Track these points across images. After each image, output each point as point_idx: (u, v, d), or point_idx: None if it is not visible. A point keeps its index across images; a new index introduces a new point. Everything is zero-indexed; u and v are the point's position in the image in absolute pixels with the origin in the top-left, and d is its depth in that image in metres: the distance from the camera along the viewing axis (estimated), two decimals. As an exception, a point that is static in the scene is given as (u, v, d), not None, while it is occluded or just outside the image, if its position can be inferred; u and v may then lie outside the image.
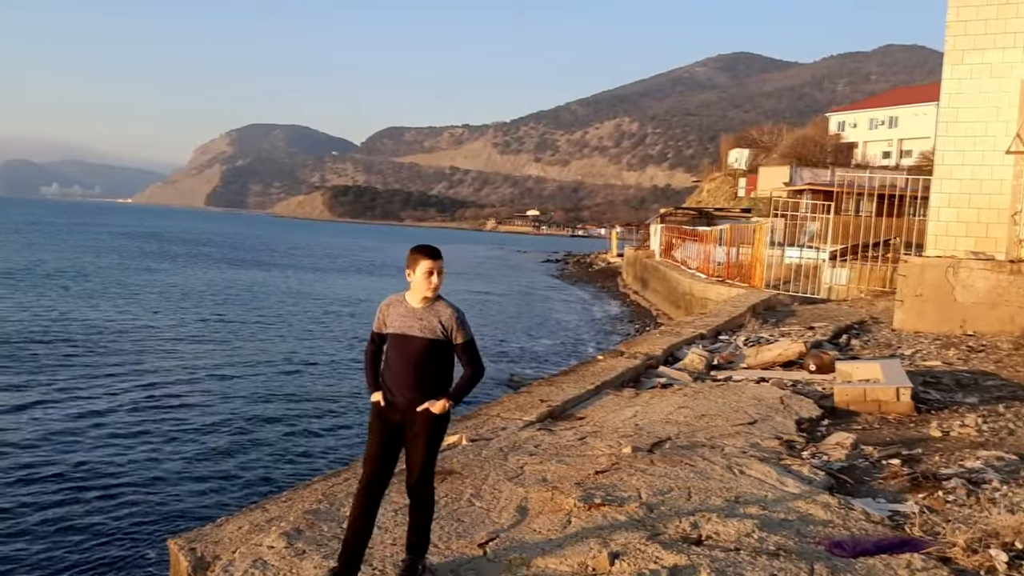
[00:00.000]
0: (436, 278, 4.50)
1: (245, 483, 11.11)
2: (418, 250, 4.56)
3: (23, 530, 9.09)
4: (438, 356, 4.51)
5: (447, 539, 4.94)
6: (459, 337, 4.52)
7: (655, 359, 11.75)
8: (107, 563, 8.43)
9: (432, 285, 4.49)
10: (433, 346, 4.46)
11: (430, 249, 4.57)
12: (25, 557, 8.45)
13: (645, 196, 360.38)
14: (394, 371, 4.55)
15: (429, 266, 4.48)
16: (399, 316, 4.54)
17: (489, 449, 6.86)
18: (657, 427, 7.85)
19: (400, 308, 4.58)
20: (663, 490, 5.83)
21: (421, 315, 4.49)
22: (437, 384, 4.51)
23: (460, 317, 4.54)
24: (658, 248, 43.12)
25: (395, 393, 4.52)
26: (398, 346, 4.53)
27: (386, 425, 4.55)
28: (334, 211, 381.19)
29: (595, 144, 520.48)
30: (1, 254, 50.22)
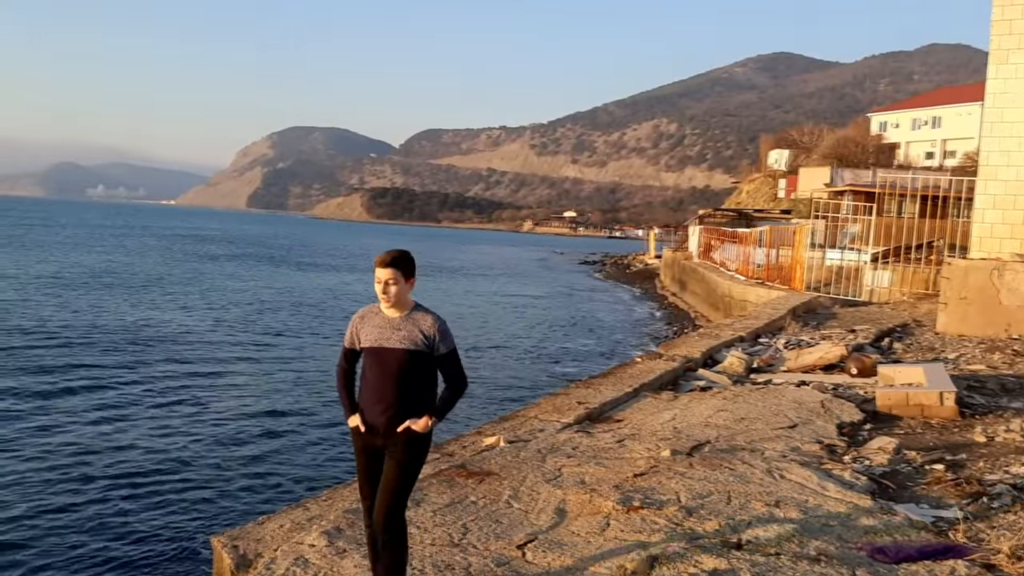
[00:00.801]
0: (391, 289, 4.09)
1: (286, 482, 11.23)
2: (378, 257, 4.19)
3: (70, 526, 9.26)
4: (420, 369, 4.15)
5: (485, 540, 4.97)
6: (442, 347, 4.15)
7: (694, 361, 11.70)
8: (152, 560, 8.57)
9: (386, 298, 4.10)
10: (414, 358, 4.10)
11: (383, 256, 4.16)
12: (72, 553, 8.61)
13: (683, 197, 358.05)
14: (372, 389, 4.18)
15: (379, 276, 4.11)
16: (374, 328, 4.17)
17: (527, 451, 6.88)
18: (696, 430, 7.82)
19: (375, 320, 4.20)
20: (702, 494, 5.81)
21: (399, 325, 4.13)
22: (420, 400, 4.16)
23: (443, 326, 4.19)
24: (696, 250, 42.84)
25: (374, 413, 4.16)
26: (375, 361, 4.16)
27: (370, 452, 4.23)
28: (372, 213, 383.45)
29: (633, 145, 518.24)
30: (49, 256, 51.21)
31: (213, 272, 47.82)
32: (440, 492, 5.77)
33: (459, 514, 5.38)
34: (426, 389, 4.19)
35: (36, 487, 10.42)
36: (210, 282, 40.90)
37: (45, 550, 8.64)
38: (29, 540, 8.87)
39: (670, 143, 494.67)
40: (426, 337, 4.11)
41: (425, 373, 4.17)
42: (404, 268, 4.14)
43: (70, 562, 8.41)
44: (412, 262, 4.22)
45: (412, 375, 4.13)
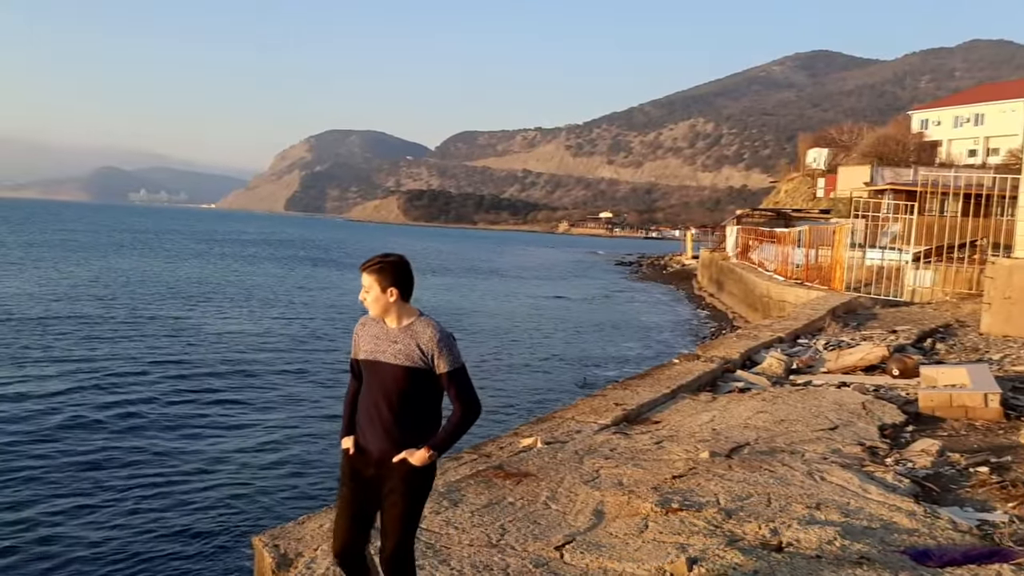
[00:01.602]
0: (365, 296, 3.69)
1: (324, 482, 11.30)
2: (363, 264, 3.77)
3: (111, 523, 9.41)
4: (419, 390, 3.66)
5: (523, 541, 4.97)
6: (442, 365, 3.63)
7: (732, 363, 11.62)
8: (193, 558, 8.68)
9: (370, 308, 3.71)
10: (410, 376, 3.62)
11: (365, 263, 3.73)
12: (113, 549, 8.74)
13: (720, 197, 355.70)
14: (366, 409, 3.74)
15: (362, 282, 3.72)
16: (372, 338, 3.74)
17: (564, 452, 6.87)
18: (735, 432, 7.76)
19: (374, 328, 3.77)
20: (742, 496, 5.77)
21: (396, 337, 3.67)
22: (419, 427, 3.68)
23: (444, 339, 3.67)
24: (734, 250, 42.51)
25: (368, 437, 3.71)
26: (370, 376, 3.73)
27: (357, 480, 3.77)
28: (409, 215, 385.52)
29: (669, 145, 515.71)
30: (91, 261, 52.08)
31: (288, 276, 48.26)
32: (478, 493, 5.78)
33: (497, 515, 5.39)
34: (428, 413, 3.72)
35: (79, 485, 10.60)
36: (273, 286, 41.31)
37: (87, 547, 8.79)
38: (70, 537, 9.03)
39: (707, 143, 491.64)
40: (424, 352, 3.63)
41: (426, 394, 3.69)
42: (380, 276, 3.67)
43: (111, 560, 8.54)
44: (395, 270, 3.71)
45: (410, 396, 3.66)
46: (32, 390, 15.41)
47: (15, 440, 12.23)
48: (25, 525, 9.20)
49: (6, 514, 9.45)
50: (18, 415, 13.59)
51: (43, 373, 17.07)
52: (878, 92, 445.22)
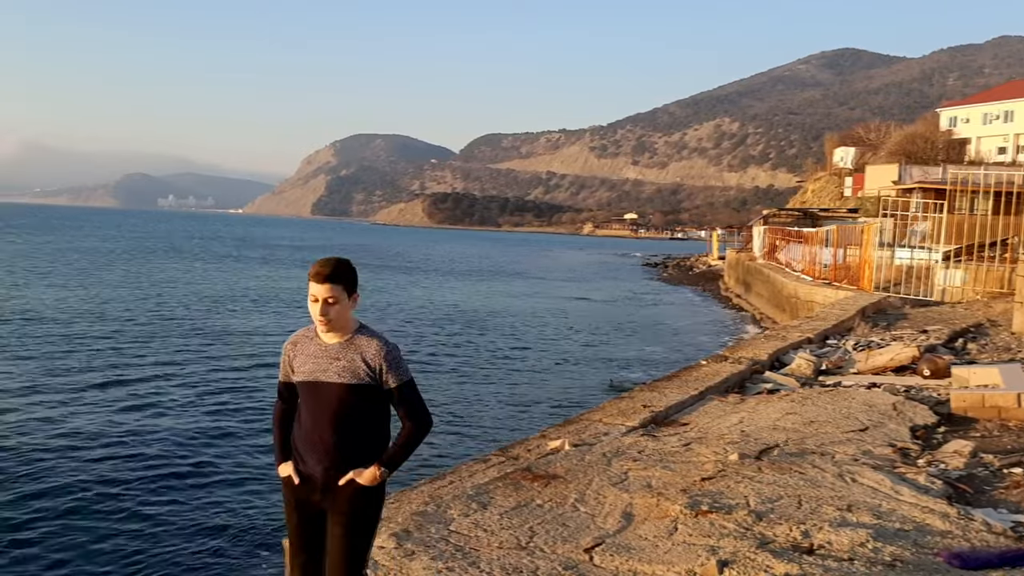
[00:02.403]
0: (330, 310, 3.36)
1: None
2: (312, 266, 3.42)
3: (146, 523, 9.51)
4: (365, 407, 3.42)
5: (552, 543, 4.97)
6: (391, 379, 3.40)
7: (760, 364, 11.54)
8: (227, 557, 8.76)
9: (324, 321, 3.38)
10: (356, 394, 3.38)
11: (320, 268, 3.37)
12: (147, 550, 8.83)
13: (746, 197, 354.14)
14: (307, 433, 3.47)
15: (316, 293, 3.36)
16: (309, 358, 3.45)
17: (592, 454, 6.86)
18: (764, 433, 7.71)
19: (309, 347, 3.47)
20: (772, 498, 5.73)
21: (337, 353, 3.40)
22: (366, 447, 3.44)
23: (391, 352, 3.42)
24: (761, 250, 42.26)
25: (309, 463, 3.46)
26: (310, 398, 3.44)
27: (305, 510, 3.52)
28: (433, 218, 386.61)
29: (694, 145, 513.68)
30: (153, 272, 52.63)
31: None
32: (506, 495, 5.79)
33: (525, 517, 5.39)
34: (374, 432, 3.48)
35: (114, 480, 10.72)
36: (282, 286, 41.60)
37: (117, 545, 8.87)
38: (102, 532, 9.14)
39: (732, 143, 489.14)
40: (370, 368, 3.38)
41: (373, 412, 3.45)
42: (347, 281, 3.39)
43: (146, 559, 8.62)
44: (354, 273, 3.46)
45: (355, 415, 3.41)
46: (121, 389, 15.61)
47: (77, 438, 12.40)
48: (74, 522, 9.32)
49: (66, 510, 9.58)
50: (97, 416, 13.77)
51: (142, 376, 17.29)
52: (905, 90, 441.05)
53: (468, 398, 16.96)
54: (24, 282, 36.49)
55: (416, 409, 3.49)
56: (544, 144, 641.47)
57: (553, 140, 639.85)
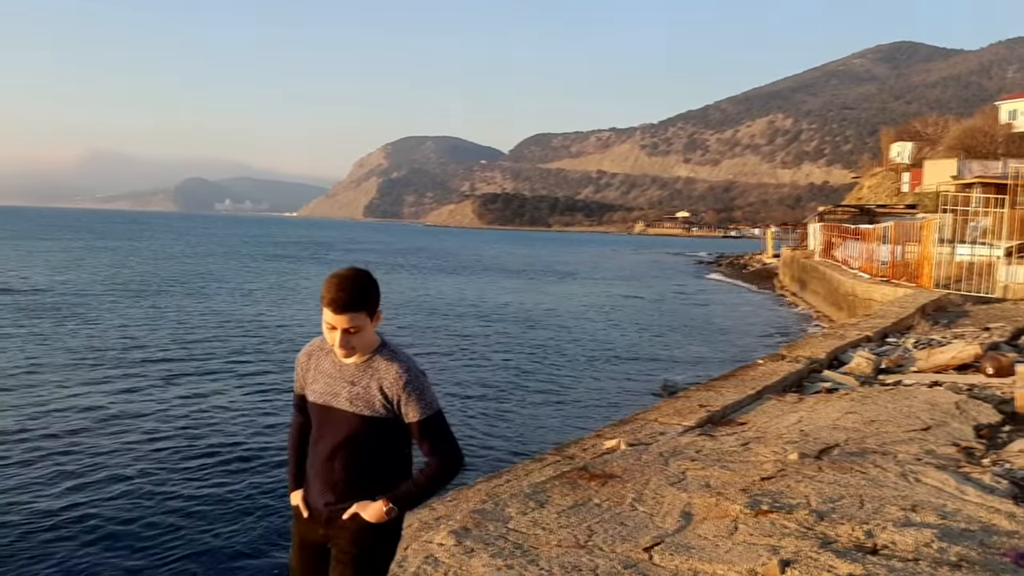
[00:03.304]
0: (351, 340, 2.87)
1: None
2: (325, 285, 2.86)
3: (217, 515, 9.67)
4: (379, 442, 2.94)
5: (611, 542, 4.97)
6: (412, 412, 2.89)
7: (818, 363, 11.40)
8: (282, 552, 8.87)
9: (342, 352, 2.91)
10: (369, 427, 2.90)
11: (335, 292, 2.82)
12: (211, 544, 8.97)
13: (801, 194, 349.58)
14: (315, 461, 3.03)
15: (332, 322, 2.84)
16: (321, 376, 3.00)
17: (649, 454, 6.84)
18: (824, 433, 7.61)
19: (324, 363, 3.02)
20: (833, 497, 5.66)
21: (353, 376, 2.92)
22: (379, 483, 2.96)
23: (413, 380, 2.90)
24: (817, 248, 41.67)
25: (314, 494, 3.03)
26: (319, 422, 3.00)
27: (308, 548, 3.11)
28: (483, 219, 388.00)
29: (747, 142, 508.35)
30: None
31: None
32: (563, 494, 5.80)
33: (583, 516, 5.39)
34: (391, 467, 2.99)
35: (158, 471, 10.93)
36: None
37: (160, 538, 9.01)
38: (161, 522, 9.29)
39: (786, 139, 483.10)
40: (387, 398, 2.88)
41: (390, 446, 2.97)
42: (369, 304, 2.87)
43: (220, 553, 8.77)
44: (376, 289, 2.92)
45: (368, 448, 2.94)
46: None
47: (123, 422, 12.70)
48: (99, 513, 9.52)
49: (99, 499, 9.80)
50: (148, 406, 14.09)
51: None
52: (963, 83, 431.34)
53: (520, 396, 16.99)
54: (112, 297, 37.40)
55: (442, 445, 2.94)
56: (594, 143, 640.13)
57: (603, 139, 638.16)
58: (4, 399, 14.77)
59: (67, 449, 11.95)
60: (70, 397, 15.19)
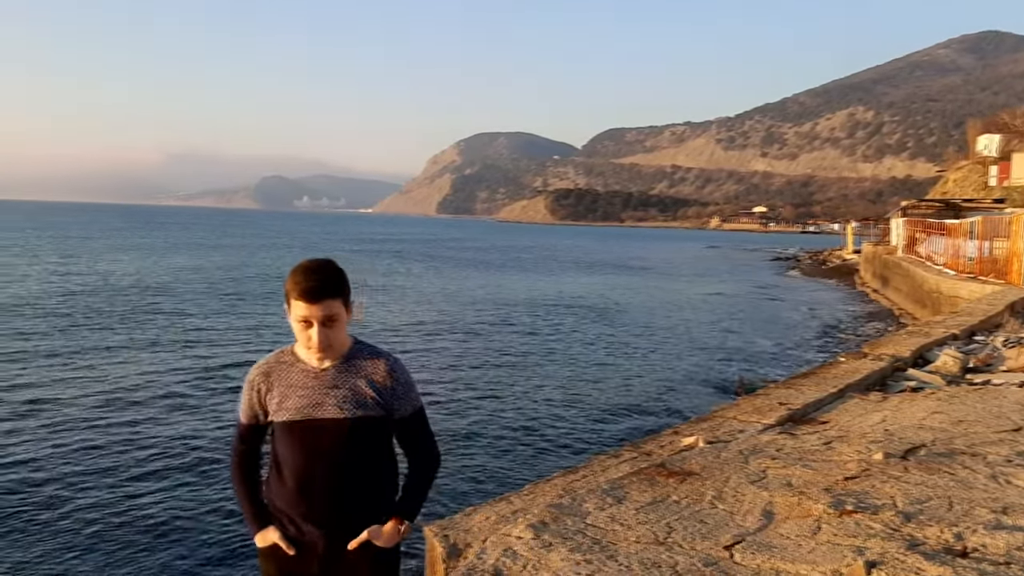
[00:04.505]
0: (326, 336, 2.62)
1: (481, 476, 11.52)
2: (292, 278, 2.60)
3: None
4: (372, 446, 2.72)
5: (691, 539, 4.93)
6: (404, 406, 2.74)
7: (902, 361, 11.11)
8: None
9: (318, 349, 2.64)
10: (363, 429, 2.67)
11: (307, 280, 2.58)
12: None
13: (882, 189, 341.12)
14: (296, 488, 2.69)
15: (305, 313, 2.59)
16: (294, 389, 2.68)
17: (728, 452, 6.76)
18: (909, 432, 7.42)
19: (292, 375, 2.70)
20: (920, 499, 5.52)
21: (334, 380, 2.67)
22: (376, 497, 2.76)
23: (402, 371, 2.76)
24: (900, 243, 40.60)
25: (302, 528, 2.71)
26: (300, 443, 2.67)
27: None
28: (555, 214, 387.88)
29: (826, 136, 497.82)
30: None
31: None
32: (641, 491, 5.77)
33: (662, 513, 5.36)
34: (383, 476, 2.78)
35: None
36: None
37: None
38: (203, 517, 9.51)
39: (867, 132, 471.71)
40: (379, 393, 2.68)
41: (380, 451, 2.76)
42: (344, 291, 2.65)
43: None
44: (347, 279, 2.69)
45: (362, 457, 2.69)
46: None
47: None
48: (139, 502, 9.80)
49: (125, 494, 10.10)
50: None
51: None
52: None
53: (594, 390, 16.96)
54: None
55: (429, 439, 2.83)
56: (669, 137, 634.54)
57: (678, 133, 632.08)
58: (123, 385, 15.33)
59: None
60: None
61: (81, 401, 14.28)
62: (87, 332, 21.56)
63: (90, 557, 8.22)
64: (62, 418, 13.08)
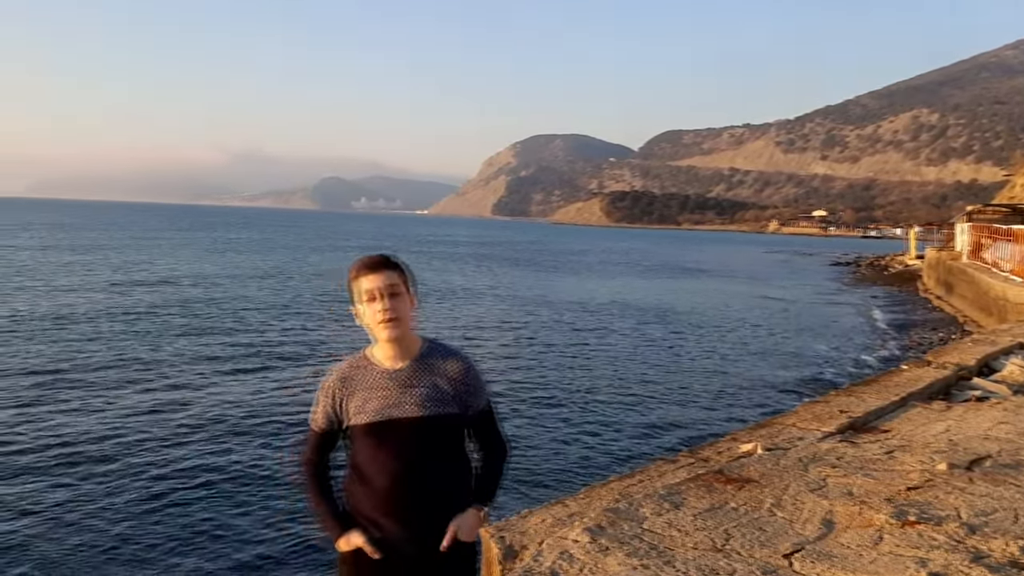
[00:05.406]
0: (393, 305, 2.68)
1: (535, 478, 11.55)
2: (353, 266, 2.76)
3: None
4: (450, 443, 2.80)
5: (749, 547, 4.90)
6: (478, 402, 2.82)
7: (967, 370, 10.87)
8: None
9: (387, 317, 2.67)
10: (442, 426, 2.74)
11: (366, 258, 2.74)
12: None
13: (947, 193, 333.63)
14: (380, 490, 2.73)
15: (367, 286, 2.69)
16: (372, 392, 2.74)
17: (787, 459, 6.69)
18: (974, 443, 7.27)
19: (368, 378, 2.76)
20: (985, 511, 5.41)
21: (410, 379, 2.73)
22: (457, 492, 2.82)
23: (474, 368, 2.83)
24: (964, 249, 39.65)
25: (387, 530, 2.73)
26: (381, 444, 2.72)
27: None
28: (611, 216, 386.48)
29: (888, 139, 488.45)
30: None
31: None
32: (699, 497, 5.75)
33: (720, 519, 5.34)
34: (461, 473, 2.86)
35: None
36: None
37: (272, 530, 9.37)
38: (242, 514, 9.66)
39: (931, 135, 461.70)
40: (455, 390, 2.75)
41: (457, 447, 2.84)
42: (403, 272, 2.77)
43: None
44: (405, 264, 2.83)
45: (443, 455, 2.77)
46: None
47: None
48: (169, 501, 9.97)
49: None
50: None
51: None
52: None
53: (649, 394, 16.87)
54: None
55: (499, 434, 2.91)
56: (727, 140, 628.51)
57: (736, 135, 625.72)
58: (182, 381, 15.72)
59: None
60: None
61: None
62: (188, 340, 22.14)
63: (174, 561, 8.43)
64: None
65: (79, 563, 7.98)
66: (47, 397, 14.21)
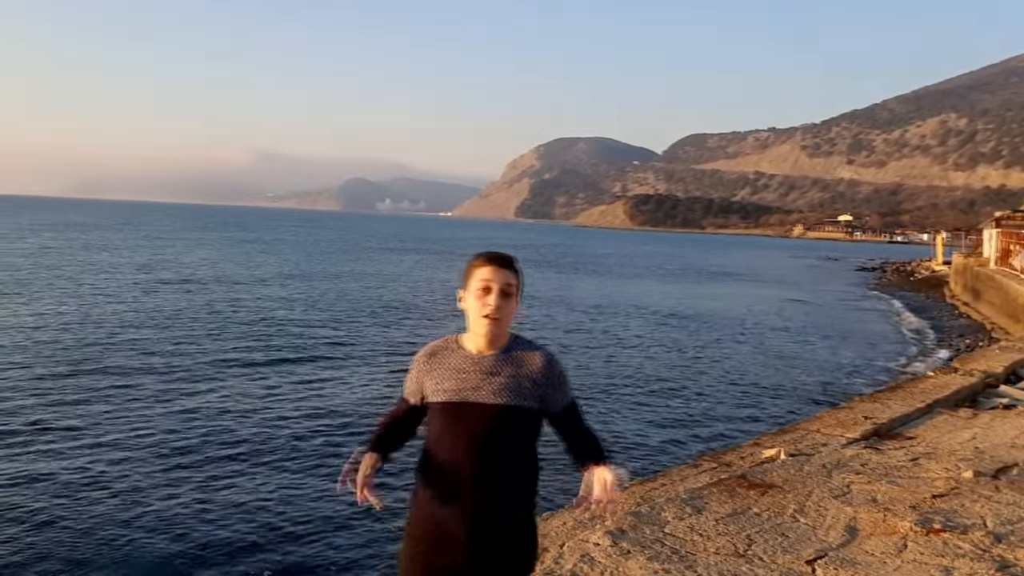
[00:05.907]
0: (495, 298, 2.73)
1: (562, 480, 11.49)
2: (478, 256, 2.83)
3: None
4: (521, 436, 2.76)
5: (772, 552, 4.88)
6: (561, 399, 2.80)
7: (994, 377, 10.76)
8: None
9: (491, 314, 2.72)
10: (516, 417, 2.72)
11: (493, 254, 2.81)
12: (350, 539, 9.26)
13: (975, 199, 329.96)
14: (444, 472, 2.74)
15: (486, 278, 2.75)
16: (452, 372, 2.78)
17: (811, 465, 6.66)
18: (1001, 451, 7.20)
19: (452, 359, 2.81)
20: (1011, 519, 5.36)
21: (493, 367, 2.75)
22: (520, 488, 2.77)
23: (558, 365, 2.81)
24: (992, 255, 39.20)
25: (446, 513, 2.72)
26: (451, 425, 2.74)
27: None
28: (635, 220, 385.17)
29: (916, 143, 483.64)
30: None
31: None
32: (721, 502, 5.73)
33: (742, 525, 5.32)
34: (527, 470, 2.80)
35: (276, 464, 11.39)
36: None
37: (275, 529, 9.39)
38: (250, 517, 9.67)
39: (959, 140, 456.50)
40: (535, 385, 2.74)
41: (527, 443, 2.79)
42: (519, 276, 2.83)
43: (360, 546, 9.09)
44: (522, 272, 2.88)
45: (510, 446, 2.74)
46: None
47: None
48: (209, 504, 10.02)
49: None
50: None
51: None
52: None
53: (671, 397, 16.80)
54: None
55: (590, 427, 2.89)
56: (752, 144, 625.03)
57: (761, 139, 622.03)
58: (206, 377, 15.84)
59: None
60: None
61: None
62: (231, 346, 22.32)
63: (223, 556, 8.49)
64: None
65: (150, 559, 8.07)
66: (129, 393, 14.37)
